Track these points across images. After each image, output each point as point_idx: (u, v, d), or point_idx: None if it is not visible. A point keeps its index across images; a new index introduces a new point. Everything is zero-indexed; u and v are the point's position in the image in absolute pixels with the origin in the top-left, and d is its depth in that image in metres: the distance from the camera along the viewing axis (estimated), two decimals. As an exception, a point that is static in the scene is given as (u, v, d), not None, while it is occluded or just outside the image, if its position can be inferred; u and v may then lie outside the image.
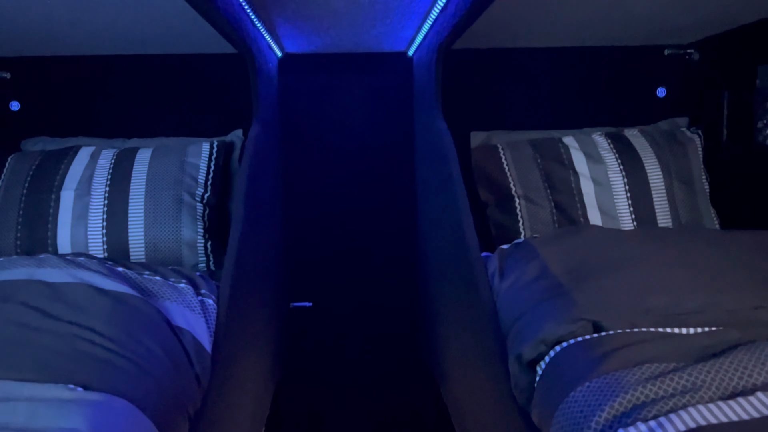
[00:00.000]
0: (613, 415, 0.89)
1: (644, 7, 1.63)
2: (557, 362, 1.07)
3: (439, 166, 1.88)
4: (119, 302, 1.14)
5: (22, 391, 0.92)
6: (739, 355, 0.94)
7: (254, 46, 1.83)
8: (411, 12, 1.81)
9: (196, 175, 1.97)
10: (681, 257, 1.25)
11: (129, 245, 1.85)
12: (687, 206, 1.90)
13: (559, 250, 1.33)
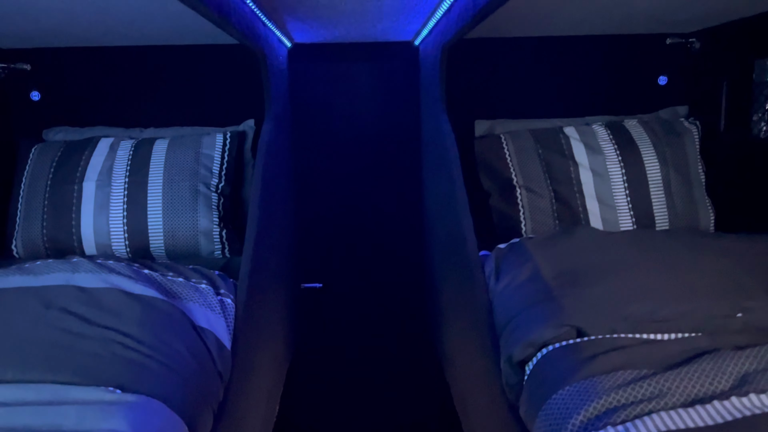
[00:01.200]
0: (587, 419, 1.01)
1: (646, 4, 1.67)
2: (543, 364, 1.18)
3: (442, 162, 1.96)
4: (149, 307, 1.26)
5: (68, 394, 1.05)
6: (703, 363, 1.05)
7: (266, 45, 1.89)
8: (416, 12, 1.85)
9: (211, 166, 2.07)
10: (664, 263, 1.35)
11: (148, 234, 1.97)
12: (683, 196, 1.97)
13: (551, 254, 1.43)
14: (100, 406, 1.02)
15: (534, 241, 1.57)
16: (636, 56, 2.23)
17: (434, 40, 2.06)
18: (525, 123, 2.20)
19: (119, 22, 1.79)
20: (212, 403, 1.20)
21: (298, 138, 2.62)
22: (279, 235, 2.17)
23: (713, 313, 1.20)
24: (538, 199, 1.97)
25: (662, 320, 1.19)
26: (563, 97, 2.29)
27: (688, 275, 1.30)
